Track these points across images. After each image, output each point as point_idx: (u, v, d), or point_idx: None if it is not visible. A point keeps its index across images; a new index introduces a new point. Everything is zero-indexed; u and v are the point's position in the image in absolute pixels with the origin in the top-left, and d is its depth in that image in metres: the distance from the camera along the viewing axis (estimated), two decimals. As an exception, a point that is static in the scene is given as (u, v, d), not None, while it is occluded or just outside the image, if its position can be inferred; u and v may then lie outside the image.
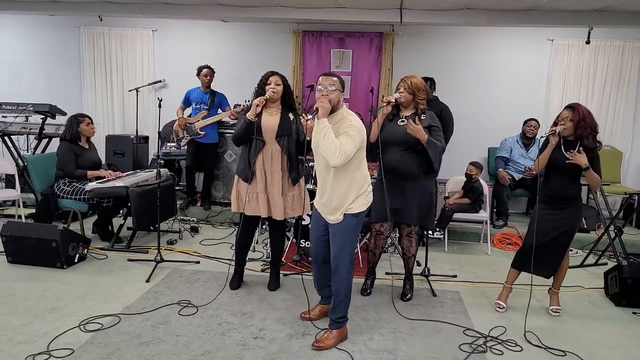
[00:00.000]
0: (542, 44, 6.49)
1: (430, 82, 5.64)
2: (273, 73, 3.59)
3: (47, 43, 7.25)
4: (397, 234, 4.08)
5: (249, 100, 3.71)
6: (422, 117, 3.56)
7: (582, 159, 3.24)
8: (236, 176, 3.70)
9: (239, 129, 3.53)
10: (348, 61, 6.73)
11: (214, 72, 5.97)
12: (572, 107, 3.33)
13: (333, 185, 2.94)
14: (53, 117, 6.07)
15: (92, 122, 4.86)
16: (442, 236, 5.27)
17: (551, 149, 3.37)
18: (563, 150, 3.35)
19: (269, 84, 3.53)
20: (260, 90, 3.56)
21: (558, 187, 3.41)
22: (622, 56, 6.35)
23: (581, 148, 3.31)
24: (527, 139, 5.93)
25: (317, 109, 2.83)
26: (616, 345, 3.21)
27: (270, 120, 3.58)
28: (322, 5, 5.80)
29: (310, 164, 4.83)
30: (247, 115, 3.48)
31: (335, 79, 2.92)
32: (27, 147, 6.38)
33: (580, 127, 3.29)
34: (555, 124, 3.39)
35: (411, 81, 3.54)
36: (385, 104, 3.47)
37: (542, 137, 3.51)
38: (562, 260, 3.55)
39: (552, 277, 3.65)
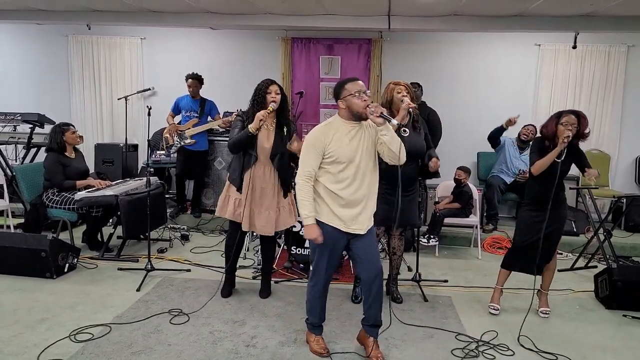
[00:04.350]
0: (530, 49, 6.56)
1: (418, 87, 5.68)
2: (272, 82, 3.53)
3: (35, 52, 7.21)
4: (386, 236, 4.07)
5: (240, 110, 3.68)
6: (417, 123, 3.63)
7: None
8: (227, 182, 3.69)
9: (239, 138, 3.46)
10: (337, 68, 6.75)
11: (200, 82, 5.89)
12: (579, 115, 3.40)
13: (373, 188, 2.90)
14: (41, 126, 6.03)
15: (76, 131, 4.84)
16: (437, 243, 5.22)
17: (556, 154, 3.37)
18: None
19: (269, 93, 3.47)
20: (259, 99, 3.49)
21: (549, 190, 3.45)
22: (608, 61, 6.43)
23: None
24: (522, 142, 5.96)
25: (381, 114, 2.71)
26: (607, 348, 3.23)
27: (266, 137, 3.55)
28: (310, 12, 5.82)
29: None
30: (249, 127, 3.40)
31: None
32: (16, 157, 6.33)
33: (583, 136, 3.42)
34: (550, 126, 3.42)
35: (408, 84, 3.55)
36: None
37: (563, 141, 3.36)
38: (551, 259, 3.62)
39: (541, 278, 3.70)
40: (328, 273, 2.94)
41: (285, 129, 3.62)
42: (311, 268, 2.98)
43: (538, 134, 3.62)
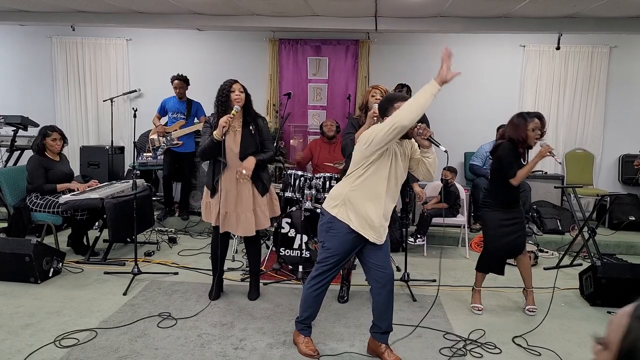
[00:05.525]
0: (515, 50, 6.63)
1: (405, 88, 5.70)
2: (235, 81, 3.56)
3: (19, 53, 7.12)
4: None
5: (213, 115, 3.65)
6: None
7: None
8: (205, 187, 3.69)
9: (206, 146, 3.48)
10: (325, 69, 6.76)
11: (186, 83, 5.87)
12: (541, 117, 3.53)
13: (394, 198, 2.88)
14: (25, 128, 5.95)
15: (62, 137, 4.78)
16: (424, 242, 5.30)
17: (536, 164, 3.50)
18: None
19: (233, 91, 3.49)
20: (223, 99, 3.50)
21: (516, 193, 3.60)
22: (591, 61, 6.53)
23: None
24: None
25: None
26: (591, 344, 3.26)
27: (233, 140, 3.53)
28: (298, 13, 5.82)
29: (289, 171, 4.81)
30: (214, 134, 3.42)
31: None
32: (-1, 160, 6.24)
33: (542, 135, 3.55)
34: (522, 131, 3.48)
35: (384, 89, 3.60)
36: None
37: (552, 155, 3.52)
38: (522, 252, 3.70)
39: (521, 277, 3.78)
40: (335, 275, 2.96)
41: (252, 127, 3.60)
42: (317, 267, 2.92)
43: (501, 139, 3.64)
